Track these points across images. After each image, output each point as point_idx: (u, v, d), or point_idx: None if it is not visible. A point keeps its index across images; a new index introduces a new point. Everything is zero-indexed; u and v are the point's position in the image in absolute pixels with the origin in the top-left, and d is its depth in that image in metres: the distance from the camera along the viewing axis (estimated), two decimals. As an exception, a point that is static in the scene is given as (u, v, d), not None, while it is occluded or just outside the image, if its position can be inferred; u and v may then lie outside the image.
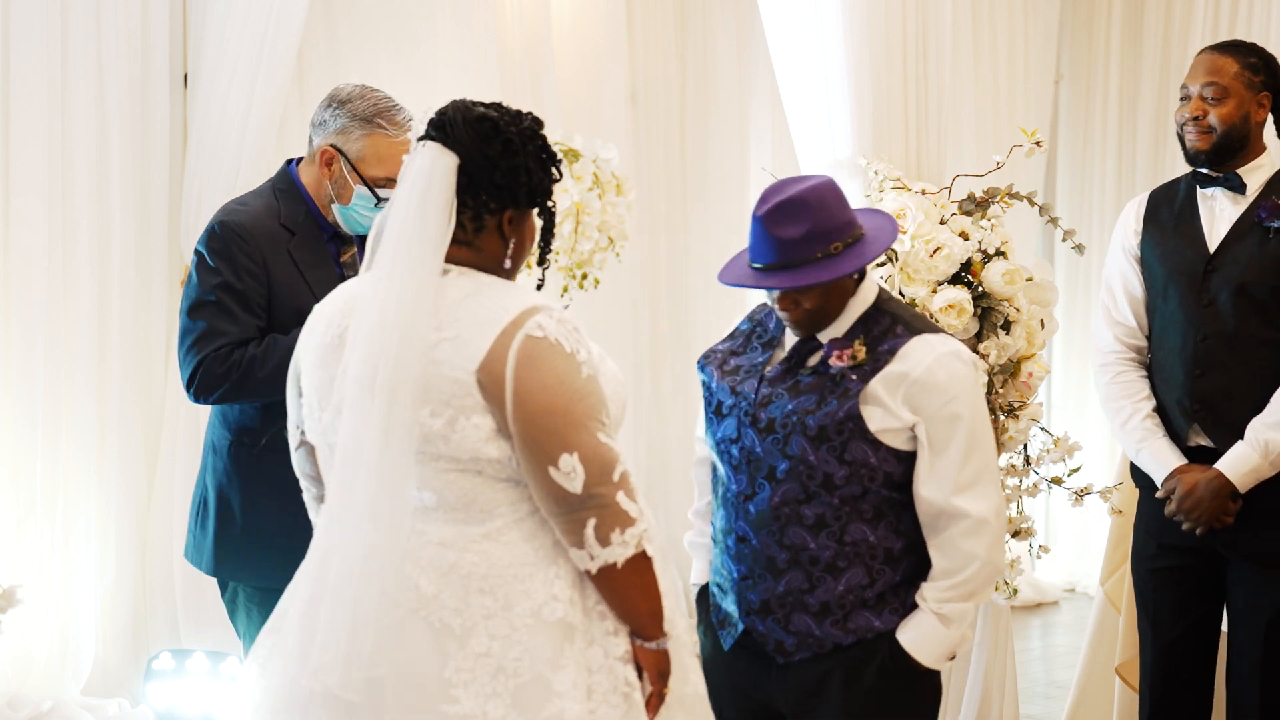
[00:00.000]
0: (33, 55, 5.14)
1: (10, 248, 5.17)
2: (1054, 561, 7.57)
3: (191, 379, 3.54)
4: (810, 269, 3.00)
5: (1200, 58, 3.99)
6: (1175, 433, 4.01)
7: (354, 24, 6.07)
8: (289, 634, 2.66)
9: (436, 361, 2.56)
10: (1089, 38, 7.69)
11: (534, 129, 2.71)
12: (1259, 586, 3.94)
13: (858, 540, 3.08)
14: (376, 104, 3.57)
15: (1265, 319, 3.89)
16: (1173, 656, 4.09)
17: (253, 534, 3.60)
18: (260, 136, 5.36)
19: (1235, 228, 3.93)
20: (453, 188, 2.62)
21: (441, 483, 2.59)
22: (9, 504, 5.17)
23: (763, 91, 7.27)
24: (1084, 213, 7.66)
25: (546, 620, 2.58)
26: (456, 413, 2.56)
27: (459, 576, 2.57)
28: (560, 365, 2.57)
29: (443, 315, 2.58)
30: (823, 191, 3.03)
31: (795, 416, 3.07)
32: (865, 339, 3.08)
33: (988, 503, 3.06)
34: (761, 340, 3.24)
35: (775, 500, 3.09)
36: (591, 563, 2.59)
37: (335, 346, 2.68)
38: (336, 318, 2.71)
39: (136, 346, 5.44)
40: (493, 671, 2.55)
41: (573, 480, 2.55)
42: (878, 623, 3.09)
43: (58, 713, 5.12)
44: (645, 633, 2.66)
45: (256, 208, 3.62)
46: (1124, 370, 4.09)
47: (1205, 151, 3.92)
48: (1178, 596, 4.07)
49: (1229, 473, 3.88)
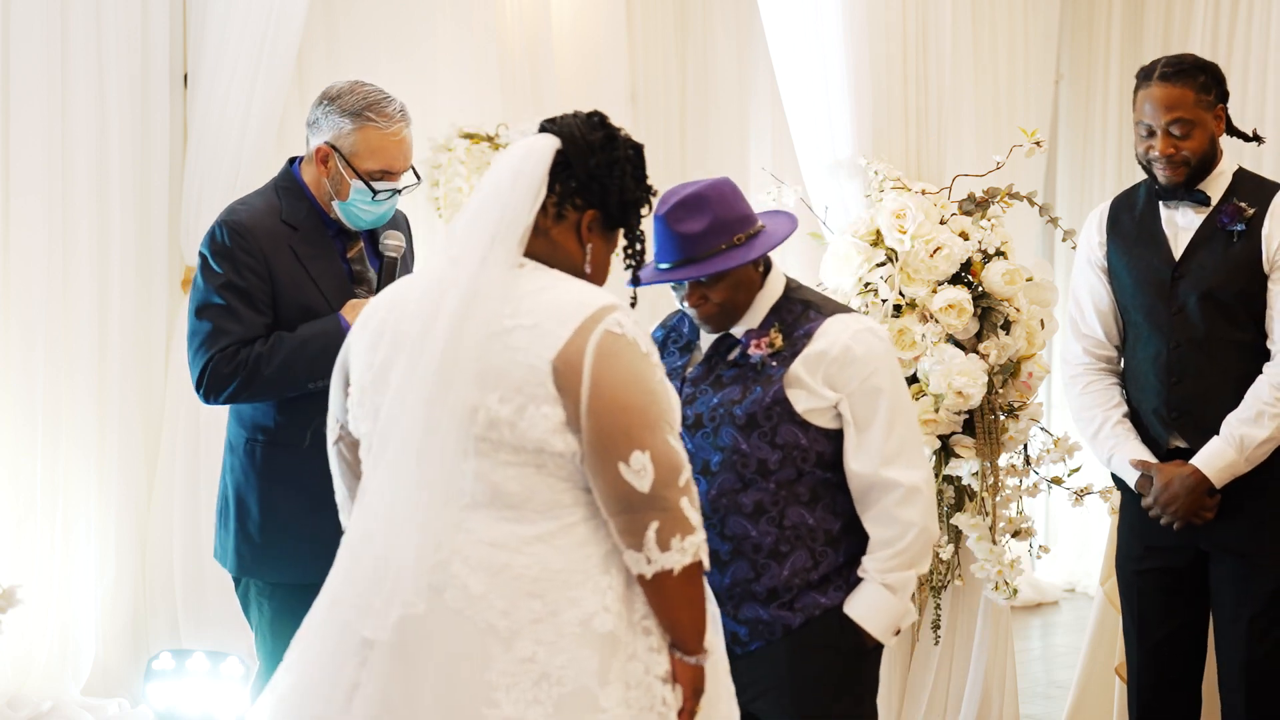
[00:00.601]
0: (33, 55, 5.14)
1: (10, 248, 5.17)
2: (1054, 561, 7.57)
3: (200, 380, 3.55)
4: (714, 260, 3.09)
5: (1153, 92, 3.90)
6: (1152, 439, 4.03)
7: (354, 24, 6.08)
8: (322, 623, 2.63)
9: (512, 347, 2.53)
10: (1089, 38, 7.70)
11: (638, 145, 2.72)
12: (1242, 582, 3.95)
13: (797, 524, 3.14)
14: (366, 97, 3.56)
15: (1233, 322, 3.92)
16: (1160, 657, 4.10)
17: (269, 531, 3.61)
18: (260, 136, 5.37)
19: (1199, 234, 3.95)
20: (548, 166, 2.61)
21: (500, 476, 2.55)
22: (9, 504, 5.17)
23: (763, 91, 7.28)
24: (1084, 213, 7.63)
25: (596, 631, 2.54)
26: (527, 400, 2.52)
27: (509, 578, 2.53)
28: (638, 363, 2.56)
29: (515, 303, 2.56)
30: (721, 187, 3.13)
31: (722, 409, 3.15)
32: (780, 326, 3.16)
33: (917, 471, 3.13)
34: (678, 345, 3.33)
35: (712, 493, 3.15)
36: (648, 566, 2.56)
37: (384, 334, 2.65)
38: (386, 308, 2.68)
39: (136, 346, 5.44)
40: (536, 678, 2.51)
41: (642, 479, 2.52)
42: (824, 600, 3.15)
43: (58, 713, 5.12)
44: (686, 646, 2.63)
45: (257, 206, 3.63)
46: (1093, 380, 4.12)
47: (1181, 184, 3.93)
48: (1163, 598, 4.07)
49: (1205, 468, 3.90)
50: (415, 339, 2.57)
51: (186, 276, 5.49)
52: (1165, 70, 3.91)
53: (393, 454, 2.56)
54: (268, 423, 3.61)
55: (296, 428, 3.55)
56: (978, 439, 4.21)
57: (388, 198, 3.59)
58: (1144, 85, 3.94)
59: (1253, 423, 3.87)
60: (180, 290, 5.53)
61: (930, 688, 4.43)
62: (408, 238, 3.79)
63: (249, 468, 3.64)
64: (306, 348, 3.50)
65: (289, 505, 3.57)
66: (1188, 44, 7.26)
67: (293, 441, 3.57)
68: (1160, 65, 3.93)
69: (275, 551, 3.61)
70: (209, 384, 3.53)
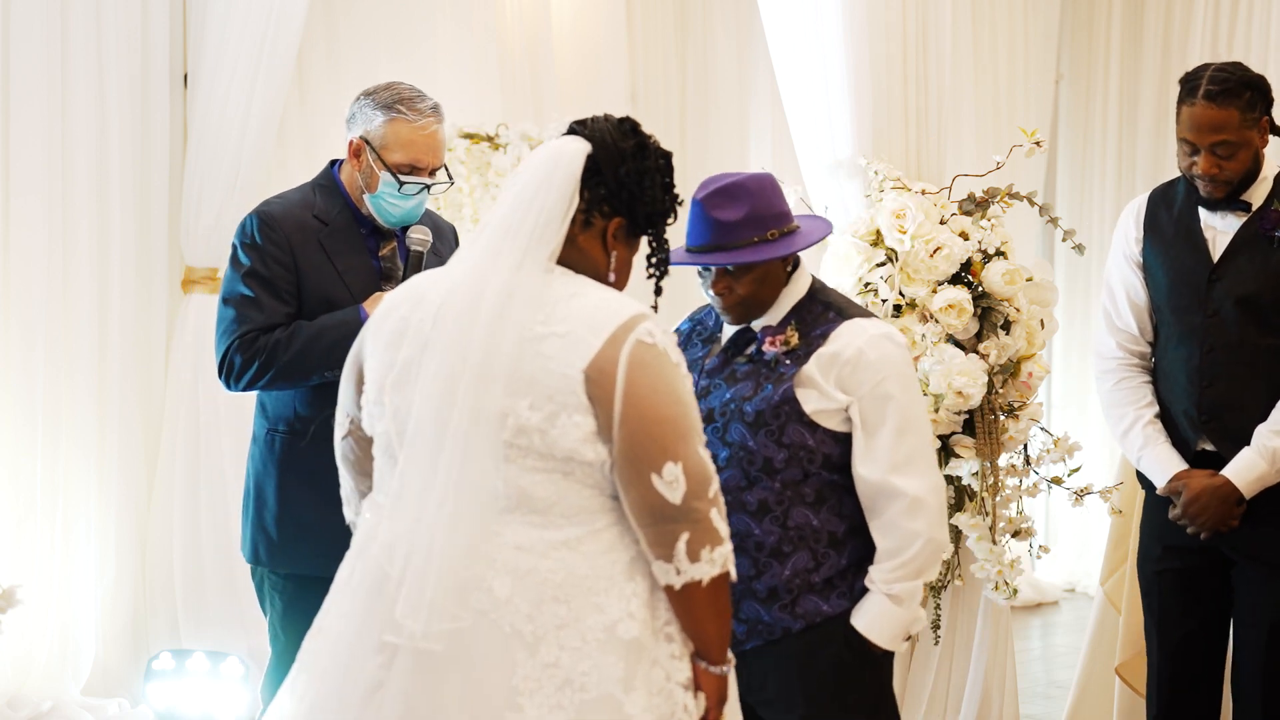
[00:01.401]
0: (33, 55, 5.14)
1: (10, 248, 5.17)
2: (1054, 561, 7.57)
3: (221, 366, 3.61)
4: (745, 250, 3.09)
5: (1197, 112, 3.80)
6: (1182, 440, 4.00)
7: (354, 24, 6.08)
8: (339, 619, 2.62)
9: (544, 355, 2.52)
10: (1089, 38, 7.69)
11: (668, 154, 2.72)
12: (1264, 587, 3.93)
13: (801, 524, 3.13)
14: (399, 93, 3.63)
15: (1268, 328, 3.87)
16: (1179, 659, 4.07)
17: (285, 522, 3.64)
18: (260, 136, 5.37)
19: (1238, 238, 3.89)
20: (579, 172, 2.60)
21: (528, 482, 2.54)
22: (9, 504, 5.17)
23: (763, 91, 7.28)
24: (1084, 213, 7.66)
25: (621, 638, 2.53)
26: (558, 409, 2.51)
27: (535, 583, 2.52)
28: (669, 374, 2.55)
29: (548, 309, 2.55)
30: (762, 181, 3.13)
31: (733, 404, 3.14)
32: (798, 325, 3.16)
33: (924, 480, 3.11)
34: (701, 337, 3.33)
35: None
36: (677, 577, 2.55)
37: (404, 333, 2.63)
38: (407, 305, 2.66)
39: (136, 346, 5.44)
40: (559, 684, 2.51)
41: (674, 490, 2.51)
42: (826, 607, 3.13)
43: (58, 713, 5.12)
44: (711, 656, 2.62)
45: (292, 200, 3.70)
46: (1126, 376, 4.08)
47: (1223, 199, 3.88)
48: (1183, 598, 4.05)
49: (1236, 479, 3.86)
50: (450, 343, 2.55)
51: (186, 276, 5.49)
52: (1210, 89, 3.79)
53: (423, 458, 2.54)
54: (289, 414, 3.64)
55: (322, 419, 3.57)
56: (978, 439, 4.21)
57: (416, 192, 3.61)
58: (1188, 101, 3.83)
59: None
60: (180, 290, 5.54)
61: (930, 688, 4.43)
62: (454, 248, 3.81)
63: (268, 458, 3.67)
64: (323, 337, 3.53)
65: (306, 498, 3.59)
66: (1188, 44, 7.27)
67: (310, 432, 3.59)
68: (1205, 82, 3.80)
69: (290, 543, 3.64)
70: (228, 369, 3.59)
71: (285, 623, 3.65)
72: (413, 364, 2.59)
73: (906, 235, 4.18)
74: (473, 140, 6.05)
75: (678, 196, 2.72)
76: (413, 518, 2.54)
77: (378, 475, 2.69)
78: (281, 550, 3.65)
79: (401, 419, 2.59)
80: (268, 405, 3.69)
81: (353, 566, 2.65)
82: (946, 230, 4.21)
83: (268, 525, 3.66)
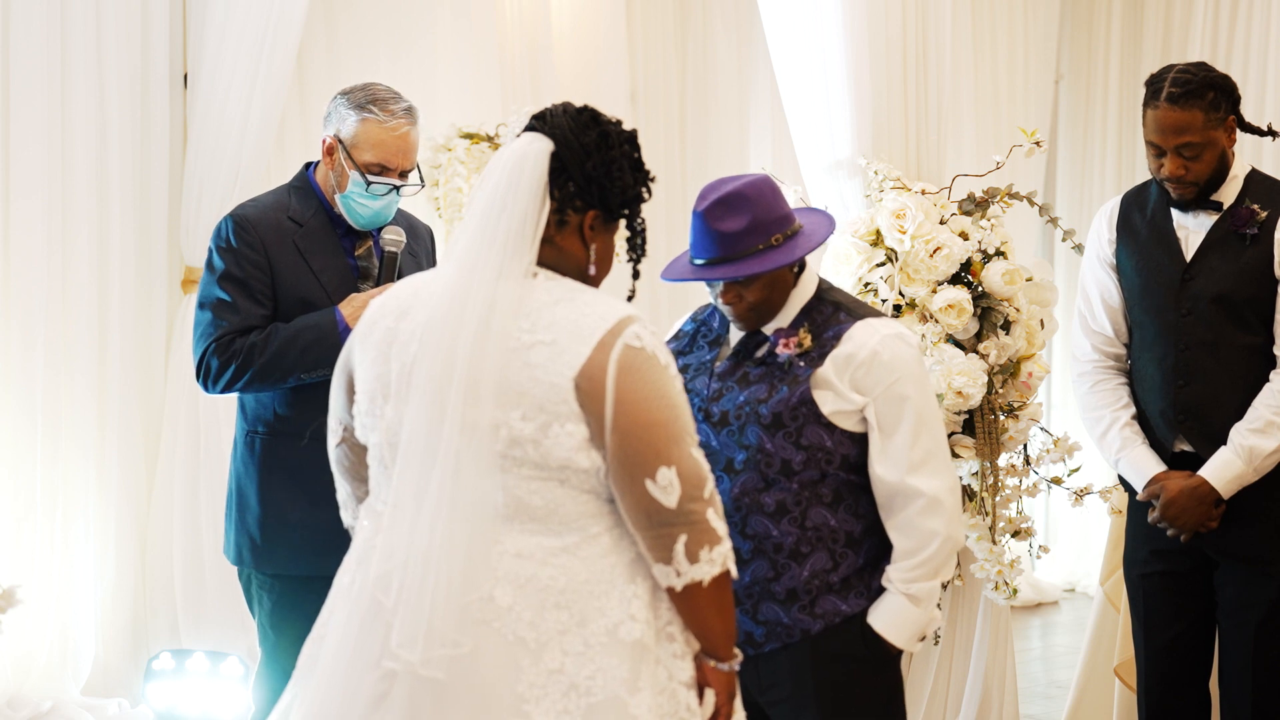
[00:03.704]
0: (33, 55, 5.14)
1: (10, 248, 5.17)
2: (1054, 561, 7.57)
3: (198, 369, 3.62)
4: (752, 260, 3.08)
5: (1161, 114, 3.81)
6: (1158, 441, 4.01)
7: (354, 24, 6.08)
8: (339, 632, 2.60)
9: (531, 365, 2.51)
10: (1089, 38, 7.70)
11: (631, 135, 2.68)
12: (1248, 586, 3.95)
13: (819, 525, 3.13)
14: (373, 93, 3.64)
15: (1242, 326, 3.90)
16: (1167, 661, 4.09)
17: (268, 523, 3.64)
18: (260, 136, 5.37)
19: (1210, 236, 3.91)
20: (545, 175, 2.58)
21: (524, 491, 2.53)
22: (9, 504, 5.17)
23: (763, 91, 7.28)
24: (1084, 213, 7.65)
25: (623, 640, 2.53)
26: (550, 419, 2.51)
27: (536, 590, 2.52)
28: (659, 377, 2.54)
29: (533, 317, 2.54)
30: (761, 186, 3.11)
31: (749, 407, 3.13)
32: (809, 327, 3.15)
33: (940, 480, 3.11)
34: (707, 339, 3.32)
35: (735, 491, 3.13)
36: (678, 579, 2.55)
37: (391, 344, 2.62)
38: (393, 316, 2.64)
39: (136, 346, 5.44)
40: (565, 689, 2.50)
41: (669, 494, 2.51)
42: (844, 607, 3.13)
43: (58, 713, 5.12)
44: (718, 653, 2.62)
45: (266, 202, 3.71)
46: (1102, 379, 4.10)
47: (1193, 199, 3.90)
48: (1170, 601, 4.07)
49: (1213, 479, 3.88)
50: (437, 357, 2.53)
51: (186, 276, 5.49)
52: (1173, 91, 3.80)
53: (415, 473, 2.54)
54: (268, 415, 3.65)
55: (296, 421, 3.58)
56: (978, 439, 4.21)
57: (384, 193, 3.62)
58: (1151, 105, 3.85)
59: (1261, 434, 3.85)
60: (180, 290, 5.54)
61: (930, 688, 4.43)
62: (430, 250, 3.82)
63: (249, 459, 3.68)
64: (299, 339, 3.54)
65: (287, 498, 3.61)
66: (1188, 44, 7.27)
67: (292, 435, 3.60)
68: (1168, 84, 3.82)
69: (274, 544, 3.64)
70: (205, 372, 3.60)
71: (274, 621, 3.66)
72: (402, 378, 2.59)
73: (906, 235, 4.18)
74: (473, 140, 6.05)
75: (648, 173, 2.69)
76: (407, 536, 2.53)
77: (373, 482, 2.69)
78: (265, 551, 3.65)
79: (394, 432, 2.59)
80: (247, 407, 3.70)
81: (353, 575, 2.64)
82: (946, 230, 4.21)
83: (250, 527, 3.66)
